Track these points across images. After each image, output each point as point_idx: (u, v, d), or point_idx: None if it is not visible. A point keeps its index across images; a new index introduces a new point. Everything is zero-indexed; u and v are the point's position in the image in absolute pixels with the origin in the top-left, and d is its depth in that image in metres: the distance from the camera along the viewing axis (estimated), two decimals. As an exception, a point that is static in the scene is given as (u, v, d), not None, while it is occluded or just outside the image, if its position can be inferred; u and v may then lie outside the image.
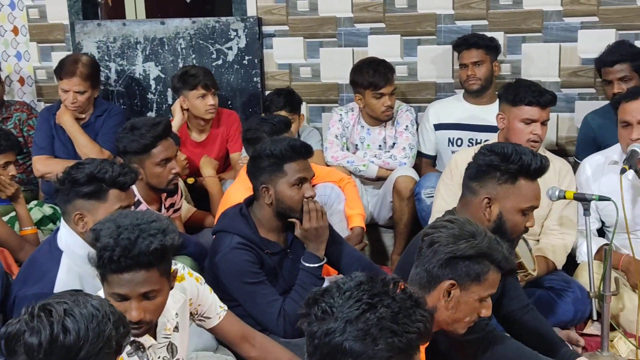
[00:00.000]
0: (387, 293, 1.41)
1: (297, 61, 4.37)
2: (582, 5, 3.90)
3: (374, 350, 1.34)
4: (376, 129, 3.93)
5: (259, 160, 2.61)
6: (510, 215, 2.35)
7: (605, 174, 3.17)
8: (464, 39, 3.82)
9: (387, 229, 3.97)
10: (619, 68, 3.55)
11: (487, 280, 1.92)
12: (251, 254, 2.56)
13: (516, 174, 2.35)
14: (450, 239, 1.93)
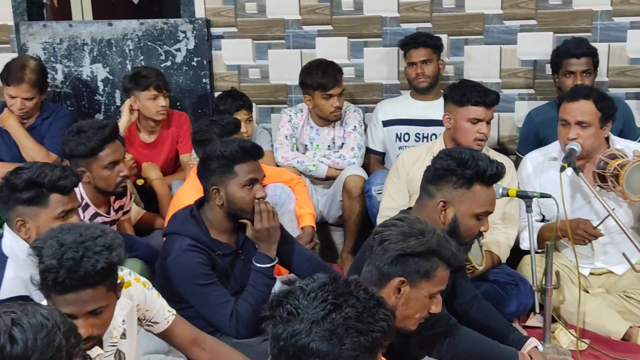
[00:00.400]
0: (351, 293, 1.39)
1: (245, 62, 4.31)
2: (521, 9, 3.95)
3: (340, 349, 1.32)
4: (325, 130, 3.91)
5: (209, 162, 2.55)
6: (465, 219, 2.34)
7: (545, 171, 3.21)
8: (412, 37, 3.83)
9: (336, 227, 3.96)
10: (584, 60, 3.59)
11: (436, 276, 1.92)
12: (202, 256, 2.49)
13: (472, 179, 2.33)
14: (400, 236, 1.92)
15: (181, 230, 2.55)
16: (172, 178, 3.86)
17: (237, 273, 2.62)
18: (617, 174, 2.77)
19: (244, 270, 2.62)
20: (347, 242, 3.77)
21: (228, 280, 2.59)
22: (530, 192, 2.81)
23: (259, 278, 2.55)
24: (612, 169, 2.80)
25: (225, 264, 2.59)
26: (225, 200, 2.54)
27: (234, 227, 2.62)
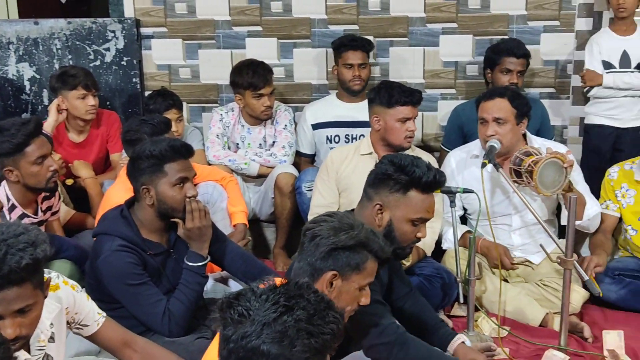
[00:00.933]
0: (302, 296, 1.36)
1: (176, 62, 4.20)
2: (443, 12, 3.99)
3: (291, 351, 1.29)
4: (256, 128, 3.85)
5: (139, 162, 2.45)
6: (399, 223, 2.30)
7: (468, 167, 3.25)
8: (351, 39, 3.78)
9: (268, 223, 3.91)
10: (522, 61, 3.64)
11: (366, 269, 1.91)
12: (133, 256, 2.39)
13: (407, 185, 2.30)
14: (331, 231, 1.90)
15: (111, 231, 2.44)
16: (102, 177, 3.72)
17: (169, 272, 2.53)
18: (531, 170, 2.81)
19: (176, 269, 2.53)
20: (279, 238, 3.74)
21: (160, 280, 2.50)
22: (453, 187, 2.83)
23: (191, 277, 2.47)
24: (527, 166, 2.84)
25: (157, 263, 2.49)
26: (155, 200, 2.44)
27: (165, 226, 2.53)
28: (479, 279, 2.84)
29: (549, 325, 2.95)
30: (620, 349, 2.61)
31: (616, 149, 3.68)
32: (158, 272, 2.50)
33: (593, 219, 3.15)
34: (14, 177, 2.77)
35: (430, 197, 2.34)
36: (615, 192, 3.27)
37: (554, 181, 2.83)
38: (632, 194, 3.24)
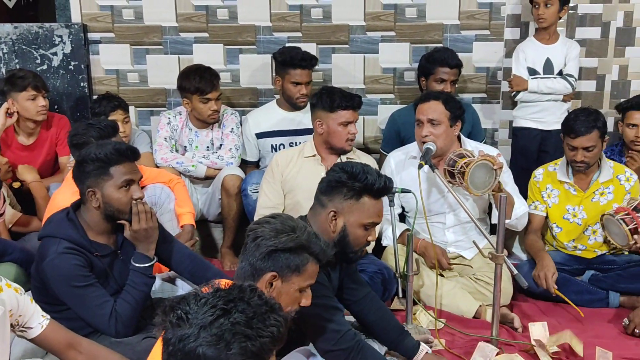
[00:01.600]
0: (242, 299, 1.31)
1: (124, 67, 4.09)
2: (382, 21, 4.00)
3: (227, 354, 1.24)
4: (204, 132, 3.78)
5: (84, 165, 2.36)
6: (353, 228, 2.28)
7: (406, 168, 3.26)
8: (301, 59, 3.66)
9: (216, 224, 3.85)
10: (455, 71, 3.67)
11: (306, 271, 1.88)
12: (79, 258, 2.30)
13: (361, 191, 2.28)
14: (272, 233, 1.87)
15: (57, 233, 2.34)
16: (50, 180, 3.59)
17: (117, 273, 2.44)
18: (463, 171, 2.83)
19: (123, 270, 2.45)
20: (227, 238, 3.69)
21: (107, 281, 2.41)
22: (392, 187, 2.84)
23: (137, 278, 2.39)
24: (460, 167, 2.87)
25: (104, 264, 2.41)
26: (101, 202, 2.36)
27: (111, 228, 2.44)
28: (416, 274, 2.86)
29: (482, 317, 2.99)
30: (546, 338, 2.66)
31: (542, 150, 3.76)
32: (105, 274, 2.41)
33: (521, 218, 3.20)
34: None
35: (380, 202, 2.33)
36: (542, 193, 3.34)
37: (484, 182, 2.86)
38: (557, 193, 3.31)
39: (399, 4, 3.98)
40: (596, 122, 3.12)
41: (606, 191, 3.22)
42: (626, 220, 2.90)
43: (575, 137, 3.12)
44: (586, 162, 3.15)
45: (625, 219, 2.90)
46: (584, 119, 3.12)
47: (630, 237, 2.88)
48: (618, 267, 3.18)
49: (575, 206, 3.25)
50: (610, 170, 3.23)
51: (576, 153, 3.14)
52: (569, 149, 3.18)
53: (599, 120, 3.13)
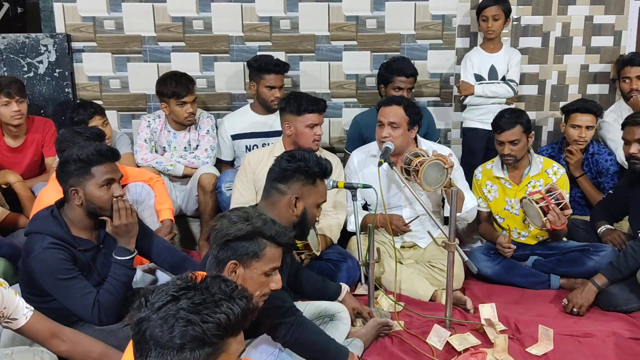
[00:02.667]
0: (196, 287, 1.26)
1: (106, 74, 4.01)
2: (345, 31, 4.00)
3: (170, 337, 1.20)
4: (181, 133, 3.73)
5: (67, 165, 2.31)
6: (311, 209, 2.36)
7: (367, 166, 3.27)
8: (275, 64, 3.64)
9: (194, 218, 3.80)
10: (411, 79, 3.68)
11: (265, 255, 1.83)
12: (63, 252, 2.26)
13: (316, 176, 2.35)
14: (228, 224, 1.83)
15: (42, 229, 2.29)
16: (36, 180, 3.51)
17: (99, 266, 2.40)
18: (418, 170, 2.85)
19: (105, 263, 2.41)
20: (204, 231, 3.64)
21: (90, 273, 2.37)
22: (355, 183, 2.85)
23: (119, 269, 2.36)
24: (414, 166, 2.88)
25: (87, 258, 2.36)
26: (84, 200, 2.31)
27: (94, 224, 2.40)
28: (377, 261, 2.86)
29: (437, 300, 3.01)
30: (494, 317, 2.69)
31: (488, 149, 3.79)
32: (88, 267, 2.37)
33: (471, 211, 3.23)
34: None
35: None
36: (482, 190, 3.39)
37: (436, 180, 2.87)
38: (496, 188, 3.36)
39: (360, 15, 3.98)
40: (519, 118, 3.18)
41: (537, 184, 3.26)
42: (538, 200, 2.94)
43: (502, 132, 3.18)
44: (513, 155, 3.20)
45: (537, 200, 2.94)
46: (508, 116, 3.19)
47: (542, 215, 2.90)
48: (558, 253, 3.22)
49: (512, 199, 3.30)
50: (540, 165, 3.29)
51: (503, 147, 3.20)
52: (498, 144, 3.24)
53: (521, 117, 3.19)
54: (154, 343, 1.20)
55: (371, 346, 2.53)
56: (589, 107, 3.56)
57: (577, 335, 2.65)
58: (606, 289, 2.89)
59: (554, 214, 2.89)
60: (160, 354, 1.20)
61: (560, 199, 2.93)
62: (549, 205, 2.90)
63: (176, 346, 1.19)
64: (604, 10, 4.02)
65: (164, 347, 1.19)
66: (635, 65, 3.71)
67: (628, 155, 3.06)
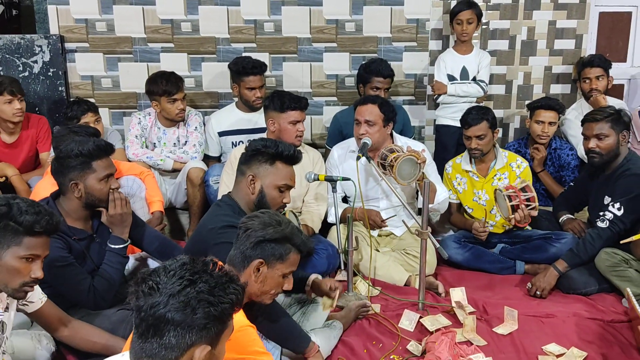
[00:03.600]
0: (206, 271, 1.32)
1: (98, 73, 4.00)
2: (325, 34, 4.03)
3: (192, 318, 1.26)
4: (171, 130, 3.74)
5: (67, 160, 2.32)
6: (269, 190, 2.37)
7: (346, 160, 3.31)
8: (252, 67, 3.65)
9: (183, 210, 3.80)
10: (388, 80, 3.71)
11: (289, 259, 1.91)
12: (59, 241, 2.26)
13: (274, 157, 2.37)
14: (261, 225, 1.89)
15: (38, 220, 2.30)
16: (31, 174, 3.50)
17: (94, 254, 2.41)
18: (392, 164, 2.89)
19: (99, 251, 2.42)
20: (192, 223, 3.64)
21: (85, 261, 2.38)
22: (335, 176, 2.89)
23: (113, 257, 2.38)
24: (390, 161, 2.92)
25: (82, 247, 2.37)
26: (83, 193, 2.33)
27: (89, 214, 2.41)
28: (356, 249, 2.90)
29: (411, 285, 3.06)
30: (464, 300, 2.75)
31: (459, 144, 3.82)
32: (83, 255, 2.38)
33: (442, 203, 3.28)
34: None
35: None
36: (453, 182, 3.45)
37: (410, 174, 2.91)
38: (465, 181, 3.42)
39: (340, 19, 4.01)
40: (485, 115, 3.25)
41: (502, 176, 3.34)
42: (511, 197, 3.00)
43: (469, 127, 3.25)
44: (479, 149, 3.27)
45: (511, 196, 3.00)
46: (475, 113, 3.26)
47: (511, 212, 2.97)
48: (523, 241, 3.29)
49: (479, 190, 3.37)
50: (505, 159, 3.36)
51: (471, 141, 3.27)
52: (466, 139, 3.31)
53: (487, 114, 3.27)
54: (174, 324, 1.25)
55: (350, 327, 2.58)
56: (552, 105, 3.64)
57: (540, 316, 2.72)
58: (567, 273, 2.97)
59: (522, 214, 2.96)
60: (179, 334, 1.25)
61: (532, 201, 3.00)
62: (520, 205, 2.97)
63: (201, 325, 1.26)
64: (567, 15, 4.10)
65: (185, 327, 1.25)
66: (594, 66, 3.81)
67: (587, 150, 3.12)
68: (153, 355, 1.26)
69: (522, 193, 3.00)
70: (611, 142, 3.04)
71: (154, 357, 1.26)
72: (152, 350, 1.26)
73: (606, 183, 3.10)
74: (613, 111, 3.10)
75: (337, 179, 2.85)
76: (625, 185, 2.99)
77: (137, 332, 1.29)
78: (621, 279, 2.84)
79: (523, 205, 2.98)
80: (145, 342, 1.26)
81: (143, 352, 1.27)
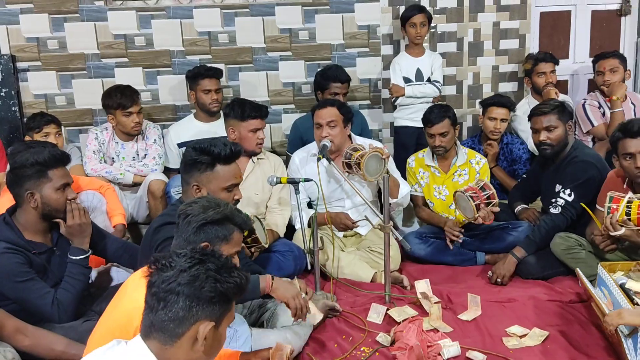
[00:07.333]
0: (213, 255, 1.41)
1: (51, 91, 3.94)
2: (280, 43, 4.08)
3: (200, 291, 1.34)
4: (129, 144, 3.70)
5: (22, 169, 2.28)
6: (217, 193, 2.34)
7: (308, 163, 3.34)
8: (206, 69, 3.70)
9: (145, 225, 3.74)
10: (346, 85, 3.78)
11: (233, 239, 1.89)
12: (19, 256, 2.22)
13: (212, 162, 2.35)
14: (201, 209, 1.87)
15: (-4, 236, 2.25)
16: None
17: (54, 267, 2.37)
18: (359, 162, 2.94)
19: (60, 264, 2.38)
20: (156, 236, 3.61)
21: (46, 275, 2.33)
22: (296, 178, 2.91)
23: (75, 269, 2.34)
24: (355, 159, 2.97)
25: (42, 260, 2.33)
26: (40, 203, 2.29)
27: (47, 227, 2.37)
28: (322, 249, 2.93)
29: (377, 281, 3.10)
30: (429, 291, 2.80)
31: (418, 144, 3.92)
32: (44, 268, 2.33)
33: (405, 197, 3.36)
34: None
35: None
36: (416, 176, 3.53)
37: (377, 170, 2.97)
38: (427, 175, 3.51)
39: (293, 28, 4.07)
40: (447, 112, 3.36)
41: (463, 173, 3.44)
42: (473, 197, 3.10)
43: (432, 125, 3.34)
44: (443, 146, 3.37)
45: (473, 197, 3.10)
46: (437, 111, 3.36)
47: (475, 212, 3.07)
48: (482, 233, 3.38)
49: (440, 185, 3.46)
50: (465, 155, 3.47)
51: (434, 139, 3.36)
52: (429, 137, 3.40)
53: (449, 112, 3.38)
54: (185, 296, 1.33)
55: (320, 326, 2.60)
56: (504, 102, 3.77)
57: (501, 301, 2.81)
58: (524, 260, 3.07)
59: (485, 212, 3.06)
60: (187, 306, 1.33)
61: (492, 198, 3.09)
62: (481, 204, 3.06)
63: (207, 298, 1.34)
64: (509, 17, 4.27)
65: (193, 299, 1.33)
66: (548, 61, 3.98)
67: (538, 142, 3.24)
68: (162, 329, 1.33)
69: (482, 192, 3.09)
70: (560, 133, 3.17)
71: (163, 330, 1.33)
72: (161, 323, 1.33)
73: (556, 172, 3.23)
74: (558, 103, 3.25)
75: (300, 181, 2.87)
76: (574, 172, 3.12)
77: (147, 306, 1.36)
78: (575, 261, 2.95)
79: (484, 203, 3.08)
80: (156, 314, 1.33)
81: (152, 327, 1.34)
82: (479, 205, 3.03)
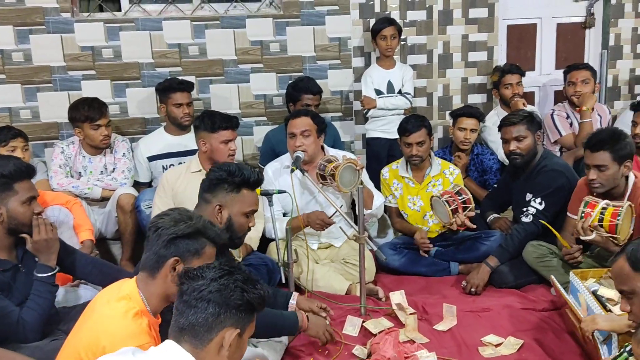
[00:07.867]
0: (240, 269, 1.52)
1: (16, 105, 3.84)
2: (251, 55, 4.07)
3: (229, 299, 1.44)
4: (97, 158, 3.62)
5: None
6: (237, 217, 2.33)
7: (281, 175, 3.32)
8: (178, 83, 3.67)
9: (114, 241, 3.67)
10: (317, 96, 3.79)
11: (204, 253, 1.84)
12: (-18, 273, 2.14)
13: (240, 185, 2.34)
14: (172, 222, 1.83)
15: (-42, 254, 2.16)
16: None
17: (20, 285, 2.28)
18: (333, 173, 2.93)
19: (26, 282, 2.29)
20: (125, 252, 3.53)
21: (11, 293, 2.25)
22: (270, 190, 2.89)
23: (41, 286, 2.25)
24: (330, 170, 2.96)
25: (7, 278, 2.25)
26: (6, 217, 2.21)
27: (12, 243, 2.29)
28: (296, 261, 2.90)
29: (352, 293, 3.08)
30: (404, 302, 2.80)
31: (390, 155, 3.95)
32: (8, 286, 2.25)
33: (379, 208, 3.37)
34: None
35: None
36: (391, 187, 3.55)
37: (351, 181, 2.97)
38: (400, 186, 3.53)
39: (264, 40, 4.07)
40: (423, 122, 3.41)
41: (437, 183, 3.47)
42: (449, 201, 3.13)
43: (409, 134, 3.37)
44: (419, 156, 3.40)
45: (449, 201, 3.13)
46: (413, 121, 3.40)
47: (451, 216, 3.10)
48: (455, 243, 3.42)
49: (415, 196, 3.48)
50: (439, 166, 3.50)
51: (411, 148, 3.38)
52: (405, 147, 3.42)
53: (425, 121, 3.43)
54: (214, 303, 1.44)
55: (296, 339, 2.56)
56: (474, 112, 3.83)
57: (476, 310, 2.82)
58: (498, 269, 3.10)
59: (461, 218, 3.08)
60: (215, 312, 1.43)
61: (468, 203, 3.12)
62: (458, 209, 3.08)
63: (235, 306, 1.45)
64: (477, 29, 4.36)
65: (222, 305, 1.44)
66: (514, 73, 4.06)
67: (508, 152, 3.29)
68: (193, 334, 1.43)
69: (458, 197, 3.12)
70: (530, 143, 3.23)
71: (194, 334, 1.43)
72: (192, 328, 1.43)
73: (526, 181, 3.28)
74: (526, 114, 3.31)
75: (273, 192, 2.85)
76: (544, 181, 3.18)
77: (177, 312, 1.46)
78: (548, 269, 2.99)
79: (460, 207, 3.10)
80: (186, 319, 1.43)
81: (183, 331, 1.44)
82: (455, 210, 3.06)
